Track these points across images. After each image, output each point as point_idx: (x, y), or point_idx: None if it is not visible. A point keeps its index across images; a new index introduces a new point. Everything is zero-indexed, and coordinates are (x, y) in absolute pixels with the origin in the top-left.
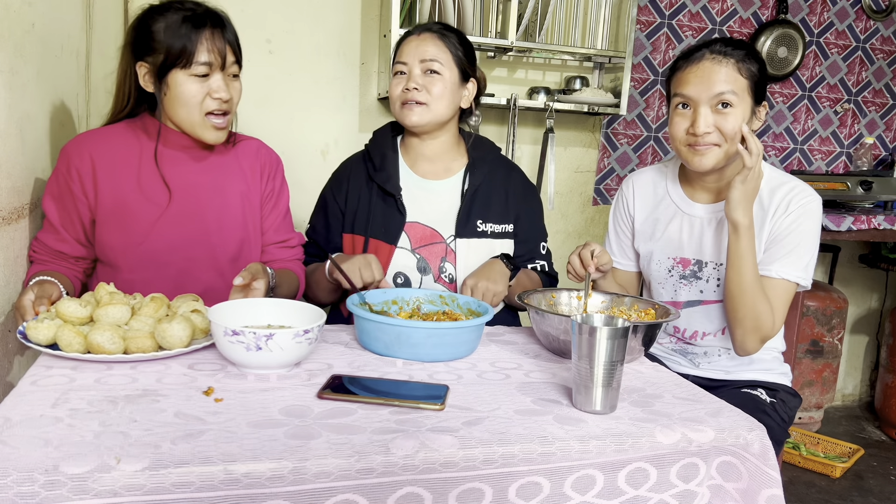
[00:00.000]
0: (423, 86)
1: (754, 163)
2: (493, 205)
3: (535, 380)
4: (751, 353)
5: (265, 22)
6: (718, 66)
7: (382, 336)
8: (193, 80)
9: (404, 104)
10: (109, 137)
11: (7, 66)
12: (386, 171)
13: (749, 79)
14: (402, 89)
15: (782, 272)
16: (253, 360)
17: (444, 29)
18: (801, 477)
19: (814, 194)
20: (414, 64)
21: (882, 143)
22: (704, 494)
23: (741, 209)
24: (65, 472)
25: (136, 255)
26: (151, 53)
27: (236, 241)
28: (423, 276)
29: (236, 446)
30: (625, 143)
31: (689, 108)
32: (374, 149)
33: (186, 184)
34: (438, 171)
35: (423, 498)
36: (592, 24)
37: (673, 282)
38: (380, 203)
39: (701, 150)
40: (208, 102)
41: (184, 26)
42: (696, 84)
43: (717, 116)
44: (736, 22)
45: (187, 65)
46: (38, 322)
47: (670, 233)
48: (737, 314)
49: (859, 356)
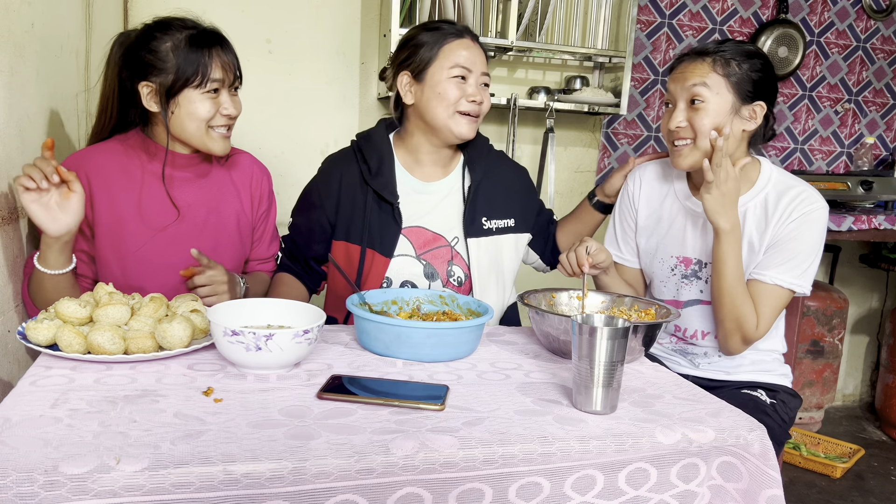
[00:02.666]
0: (483, 98)
1: (713, 177)
2: (495, 201)
3: (535, 380)
4: (734, 353)
5: (265, 22)
6: (695, 63)
7: (382, 336)
8: (205, 98)
9: (465, 114)
10: (104, 156)
11: (7, 66)
12: (384, 176)
13: (728, 76)
14: (467, 99)
15: (777, 278)
16: (253, 360)
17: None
18: (802, 477)
19: (820, 201)
20: (476, 73)
21: (882, 143)
22: (705, 495)
23: (719, 215)
24: (64, 473)
25: (133, 274)
26: (158, 74)
27: (232, 260)
28: (430, 282)
29: (236, 447)
30: (625, 143)
31: (671, 106)
32: (371, 152)
33: (186, 204)
34: (437, 171)
35: (423, 498)
36: (592, 23)
37: (675, 280)
38: (375, 210)
39: (678, 150)
40: (217, 118)
41: (194, 45)
42: (675, 82)
43: (690, 112)
44: (736, 22)
45: (202, 83)
46: (37, 322)
47: (675, 230)
48: (717, 315)
49: (860, 356)
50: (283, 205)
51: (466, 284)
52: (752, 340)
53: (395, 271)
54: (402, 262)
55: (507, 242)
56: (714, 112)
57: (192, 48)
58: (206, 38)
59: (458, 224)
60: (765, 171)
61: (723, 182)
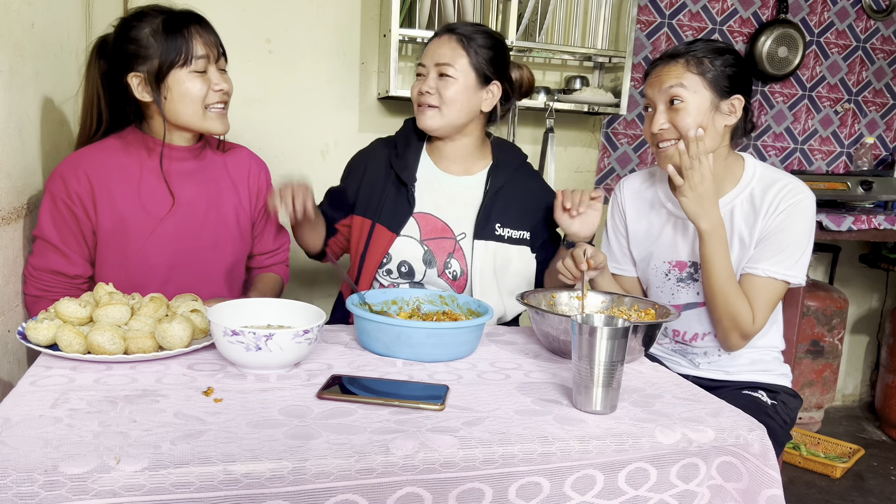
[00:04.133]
0: (436, 89)
1: (681, 181)
2: (513, 210)
3: (535, 380)
4: (734, 349)
5: (265, 22)
6: (668, 66)
7: (382, 336)
8: (194, 77)
9: (419, 106)
10: (103, 155)
11: (7, 65)
12: (405, 159)
13: (702, 74)
14: (418, 91)
15: (769, 270)
16: (253, 360)
17: (471, 31)
18: (802, 477)
19: (805, 191)
20: (431, 66)
21: (882, 143)
22: (704, 494)
23: (699, 216)
24: (64, 473)
25: (135, 271)
26: (143, 62)
27: (231, 255)
28: (427, 268)
29: (236, 446)
30: (625, 143)
31: (651, 110)
32: (402, 136)
33: (186, 199)
34: (460, 169)
35: (423, 498)
36: (592, 23)
37: (670, 285)
38: (392, 191)
39: (663, 150)
40: (210, 96)
41: (172, 26)
42: (652, 87)
43: (671, 113)
44: (736, 22)
45: (187, 62)
46: (37, 322)
47: (665, 237)
48: (713, 314)
49: (860, 356)
50: None
51: (462, 280)
52: (750, 335)
53: (397, 249)
54: (406, 242)
55: (518, 254)
56: (695, 110)
57: (171, 30)
58: (183, 18)
59: (471, 223)
60: (749, 167)
61: (698, 184)
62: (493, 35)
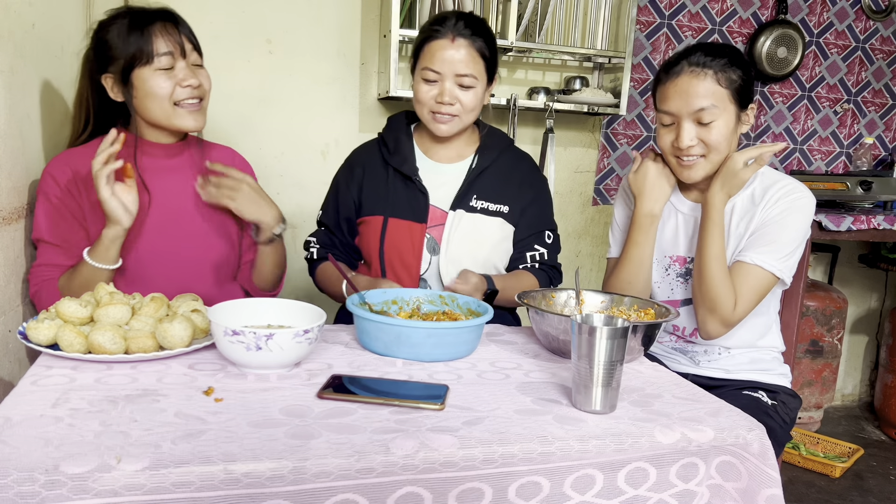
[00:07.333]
0: (458, 99)
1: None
2: (493, 184)
3: (534, 380)
4: (713, 336)
5: (265, 22)
6: (697, 80)
7: (382, 336)
8: (159, 74)
9: (436, 113)
10: (89, 151)
11: (7, 66)
12: (401, 154)
13: (730, 87)
14: (435, 101)
15: (757, 259)
16: (253, 359)
17: (474, 31)
18: (801, 477)
19: (806, 192)
20: (448, 75)
21: (882, 143)
22: (704, 494)
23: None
24: (65, 472)
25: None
26: (112, 63)
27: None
28: (432, 255)
29: (236, 446)
30: (625, 144)
31: (672, 122)
32: (389, 134)
33: (163, 193)
34: (451, 156)
35: (422, 498)
36: (592, 24)
37: (670, 280)
38: (400, 185)
39: (687, 164)
40: (178, 92)
41: (134, 26)
42: (677, 99)
43: (700, 129)
44: (735, 22)
45: (148, 60)
46: (38, 322)
47: (667, 231)
48: (695, 295)
49: (859, 356)
50: (284, 205)
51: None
52: (730, 322)
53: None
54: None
55: (492, 225)
56: (724, 126)
57: (133, 29)
58: (146, 16)
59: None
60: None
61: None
62: (490, 30)
